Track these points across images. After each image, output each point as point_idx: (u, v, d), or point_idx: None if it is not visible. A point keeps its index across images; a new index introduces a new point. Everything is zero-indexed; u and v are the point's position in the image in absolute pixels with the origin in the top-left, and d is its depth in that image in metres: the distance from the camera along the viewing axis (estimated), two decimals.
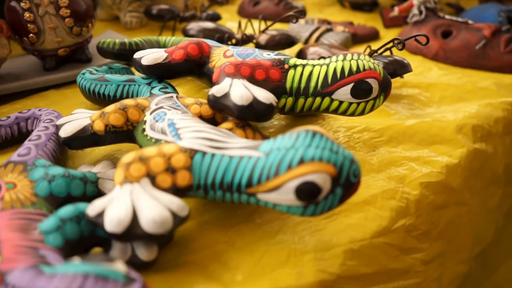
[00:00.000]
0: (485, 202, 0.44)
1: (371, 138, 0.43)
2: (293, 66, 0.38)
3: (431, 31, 0.64)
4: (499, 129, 0.48)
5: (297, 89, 0.38)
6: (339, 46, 0.59)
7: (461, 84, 0.54)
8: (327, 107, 0.37)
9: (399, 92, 0.52)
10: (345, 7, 0.85)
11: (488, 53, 0.59)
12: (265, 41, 0.58)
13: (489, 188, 0.46)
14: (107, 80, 0.44)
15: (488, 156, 0.45)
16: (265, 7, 0.78)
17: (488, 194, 0.45)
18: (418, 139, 0.43)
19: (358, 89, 0.36)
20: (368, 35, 0.69)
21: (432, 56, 0.63)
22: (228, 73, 0.37)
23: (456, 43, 0.61)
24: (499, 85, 0.55)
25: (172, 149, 0.30)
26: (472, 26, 0.62)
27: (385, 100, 0.38)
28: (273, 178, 0.27)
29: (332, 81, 0.36)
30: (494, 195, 0.46)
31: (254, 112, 0.33)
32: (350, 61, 0.36)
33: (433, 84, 0.54)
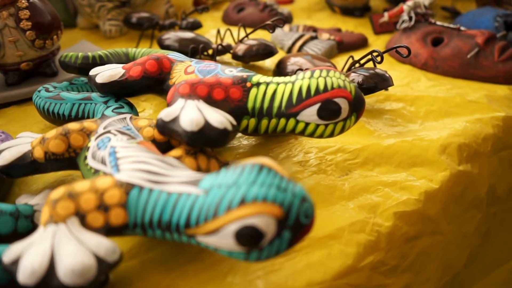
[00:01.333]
0: (462, 227, 0.41)
1: (345, 160, 0.39)
2: (256, 84, 0.35)
3: (421, 38, 0.61)
4: (487, 148, 0.45)
5: (260, 109, 0.35)
6: (323, 57, 0.56)
7: (450, 97, 0.50)
8: (293, 129, 0.35)
9: (382, 107, 0.49)
10: (335, 12, 0.82)
11: (481, 62, 0.56)
12: (243, 52, 0.55)
13: (469, 212, 0.42)
14: (62, 98, 0.41)
15: (472, 179, 0.42)
16: (249, 13, 0.75)
17: (467, 219, 0.42)
18: (397, 160, 0.40)
19: (325, 110, 0.33)
20: (355, 43, 0.66)
21: (422, 65, 0.60)
22: (183, 93, 0.34)
23: (447, 52, 0.58)
24: (491, 97, 0.51)
25: (106, 184, 0.27)
26: (464, 33, 0.59)
27: (358, 120, 0.35)
28: (211, 220, 0.24)
29: (297, 101, 0.33)
30: (473, 219, 0.43)
31: (206, 138, 0.30)
32: (317, 78, 0.33)
33: (419, 97, 0.50)
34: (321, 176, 0.38)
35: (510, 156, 0.48)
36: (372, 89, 0.44)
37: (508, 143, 0.48)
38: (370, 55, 0.45)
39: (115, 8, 0.74)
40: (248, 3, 0.76)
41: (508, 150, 0.48)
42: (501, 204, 0.48)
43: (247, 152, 0.40)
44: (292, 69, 0.54)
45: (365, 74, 0.45)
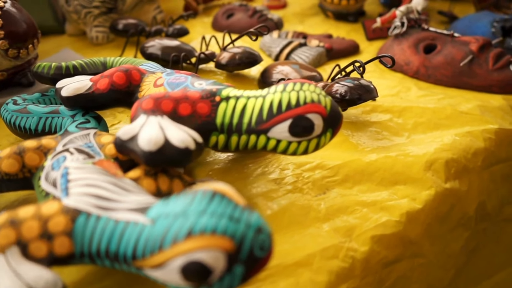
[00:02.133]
0: (447, 247, 0.39)
1: (323, 178, 0.37)
2: (226, 99, 0.33)
3: (412, 45, 0.58)
4: (478, 163, 0.42)
5: (229, 125, 0.33)
6: (310, 66, 0.54)
7: (440, 108, 0.48)
8: (264, 146, 0.33)
9: (368, 118, 0.47)
10: (328, 17, 0.80)
11: (474, 70, 0.54)
12: (226, 60, 0.53)
13: (455, 231, 0.40)
14: (29, 112, 0.40)
15: (460, 197, 0.39)
16: (238, 19, 0.73)
17: (453, 238, 0.39)
18: (379, 178, 0.38)
19: (297, 126, 0.31)
20: (345, 50, 0.64)
21: (413, 74, 0.57)
22: (146, 109, 0.32)
23: (439, 59, 0.56)
24: (484, 108, 0.49)
25: (52, 210, 0.25)
26: (458, 39, 0.56)
27: (334, 137, 0.32)
28: (157, 253, 0.22)
29: (267, 116, 0.31)
30: (460, 238, 0.40)
31: (165, 159, 0.28)
32: (290, 92, 0.31)
33: (407, 108, 0.48)
34: (296, 195, 0.35)
35: (503, 170, 0.46)
36: (355, 101, 0.42)
37: (501, 157, 0.45)
38: (352, 66, 0.43)
39: (102, 14, 0.72)
40: (238, 8, 0.75)
41: (500, 164, 0.46)
42: (491, 220, 0.46)
43: (221, 169, 0.39)
44: (277, 78, 0.52)
45: (349, 85, 0.43)
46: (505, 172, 0.46)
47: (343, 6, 0.76)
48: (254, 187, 0.36)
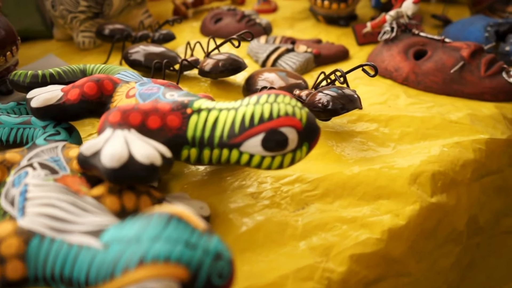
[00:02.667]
0: (436, 264, 0.37)
1: (302, 192, 0.36)
2: (197, 111, 0.32)
3: (402, 51, 0.57)
4: (467, 175, 0.41)
5: (201, 138, 0.31)
6: (295, 74, 0.53)
7: (429, 117, 0.47)
8: (237, 160, 0.31)
9: (353, 128, 0.46)
10: (319, 21, 0.79)
11: (465, 77, 0.52)
12: (210, 67, 0.52)
13: (444, 247, 0.38)
14: (0, 122, 0.39)
15: (448, 211, 0.38)
16: (226, 24, 0.72)
17: (442, 254, 0.38)
18: (361, 192, 0.36)
19: (270, 141, 0.29)
20: (334, 55, 0.63)
21: (402, 81, 0.56)
22: (113, 122, 0.31)
23: (429, 66, 0.54)
24: (475, 117, 0.47)
25: (5, 231, 0.24)
26: (449, 45, 0.55)
27: (311, 150, 0.31)
28: (108, 281, 0.21)
29: (239, 130, 0.30)
30: (450, 254, 0.39)
31: (129, 175, 0.27)
32: (263, 105, 0.30)
33: (395, 117, 0.47)
34: (273, 210, 0.34)
35: (494, 182, 0.45)
36: (338, 111, 0.41)
37: (492, 169, 0.44)
38: (333, 74, 0.42)
39: (88, 19, 0.71)
40: (226, 13, 0.73)
41: (492, 175, 0.44)
42: (485, 233, 0.44)
43: (197, 182, 0.37)
44: (262, 85, 0.51)
45: (332, 94, 0.42)
46: (497, 184, 0.45)
47: (334, 10, 0.75)
48: (230, 202, 0.35)
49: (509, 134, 0.47)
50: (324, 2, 0.74)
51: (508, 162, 0.46)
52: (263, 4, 0.83)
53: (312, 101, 0.43)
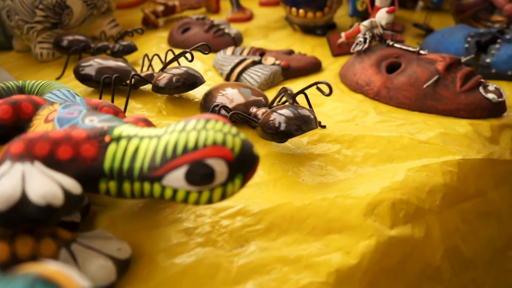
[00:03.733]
0: None
1: (243, 227, 0.32)
2: (116, 139, 0.29)
3: (375, 63, 0.54)
4: (435, 202, 0.38)
5: (119, 170, 0.28)
6: (256, 89, 0.50)
7: (397, 137, 0.43)
8: (161, 195, 0.28)
9: (312, 150, 0.42)
10: (296, 30, 0.76)
11: (440, 93, 0.49)
12: (164, 83, 0.49)
13: (421, 287, 0.35)
14: None
15: (415, 244, 0.34)
16: (193, 34, 0.69)
17: None
18: (310, 226, 0.33)
19: (194, 174, 0.26)
20: (305, 68, 0.60)
21: (374, 95, 0.53)
22: (14, 153, 0.27)
23: (402, 80, 0.51)
24: (447, 136, 0.44)
25: None
26: (424, 57, 0.52)
27: (246, 182, 0.28)
28: None
29: (161, 162, 0.27)
30: None
31: (21, 218, 0.24)
32: (189, 132, 0.27)
33: (360, 137, 0.43)
34: (207, 249, 0.31)
35: (476, 208, 0.41)
36: (292, 133, 0.38)
37: (469, 193, 0.41)
38: (283, 93, 0.39)
39: (46, 30, 0.68)
40: (195, 22, 0.70)
41: (471, 200, 0.41)
42: (479, 268, 0.41)
43: (127, 215, 0.34)
44: (220, 102, 0.48)
45: (286, 114, 0.38)
46: (480, 209, 0.42)
47: (310, 19, 0.72)
48: (161, 239, 0.31)
49: (486, 153, 0.43)
50: (299, 11, 0.71)
51: (490, 184, 0.43)
52: (237, 12, 0.81)
53: (265, 121, 0.39)
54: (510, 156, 0.45)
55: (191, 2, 0.84)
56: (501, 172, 0.44)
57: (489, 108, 0.48)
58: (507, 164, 0.45)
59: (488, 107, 0.48)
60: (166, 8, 0.80)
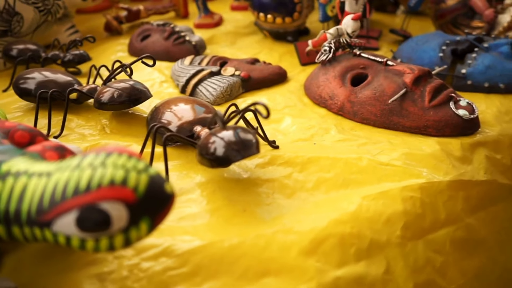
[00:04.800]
0: None
1: (165, 270, 0.29)
2: (3, 176, 0.25)
3: (339, 75, 0.50)
4: (396, 233, 0.34)
5: (6, 213, 0.25)
6: (208, 105, 0.46)
7: (355, 159, 0.40)
8: (55, 241, 0.24)
9: (260, 174, 0.39)
10: (267, 36, 0.73)
11: (407, 108, 0.45)
12: (107, 98, 0.45)
13: None
14: None
15: (373, 283, 0.31)
16: (152, 42, 0.65)
17: None
18: (242, 267, 0.29)
19: (86, 220, 0.23)
20: (267, 79, 0.56)
21: (338, 110, 0.49)
22: None
23: (367, 93, 0.48)
24: (412, 157, 0.41)
25: None
26: (392, 68, 0.48)
27: (157, 225, 0.24)
28: None
29: (49, 205, 0.23)
30: None
31: None
32: (84, 169, 0.23)
33: (314, 159, 0.40)
34: None
35: (452, 236, 0.38)
36: (230, 160, 0.34)
37: (440, 219, 0.37)
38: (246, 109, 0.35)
39: None
40: (155, 29, 0.67)
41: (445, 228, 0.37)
42: None
43: (38, 255, 0.30)
44: (167, 119, 0.44)
45: (226, 138, 0.35)
46: (456, 237, 0.38)
47: (279, 25, 0.69)
48: (69, 286, 0.28)
49: (455, 174, 0.40)
50: (267, 16, 0.68)
51: (466, 208, 0.39)
52: (205, 18, 0.77)
53: (203, 144, 0.36)
54: (486, 176, 0.42)
55: (157, 7, 0.81)
56: (476, 195, 0.40)
57: (460, 125, 0.44)
58: (483, 186, 0.41)
59: (458, 124, 0.44)
60: (130, 13, 0.77)
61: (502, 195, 0.43)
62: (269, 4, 0.67)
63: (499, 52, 0.55)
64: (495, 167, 0.43)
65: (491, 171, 0.42)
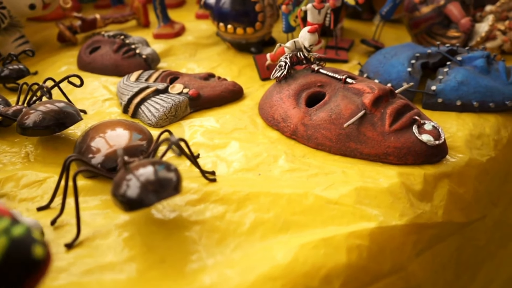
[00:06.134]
0: None
1: None
2: None
3: (294, 94, 0.46)
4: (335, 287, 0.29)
5: None
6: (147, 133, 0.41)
7: (301, 194, 0.35)
8: None
9: (190, 214, 0.34)
10: (230, 47, 0.68)
11: (365, 133, 0.41)
12: (31, 122, 0.41)
13: None
14: None
15: None
16: (101, 55, 0.60)
17: None
18: None
19: None
20: (219, 97, 0.51)
21: (291, 134, 0.45)
22: None
23: (322, 116, 0.43)
24: (365, 193, 0.36)
25: None
26: (351, 87, 0.44)
27: None
28: None
29: None
30: None
31: None
32: None
33: (254, 195, 0.35)
34: None
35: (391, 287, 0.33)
36: (144, 203, 0.29)
37: (382, 271, 0.33)
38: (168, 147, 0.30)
39: None
40: (106, 40, 0.62)
41: (386, 279, 0.33)
42: None
43: None
44: (96, 146, 0.39)
45: (141, 176, 0.30)
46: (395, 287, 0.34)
47: (240, 35, 0.64)
48: None
49: (412, 216, 0.35)
50: (227, 27, 0.63)
51: (412, 254, 0.35)
52: (164, 27, 0.72)
53: (117, 182, 0.31)
54: (443, 216, 0.37)
55: (116, 16, 0.76)
56: (427, 238, 0.36)
57: (424, 152, 0.40)
58: (436, 228, 0.37)
59: (422, 151, 0.40)
60: (84, 22, 0.72)
61: (451, 232, 0.38)
62: (229, 14, 0.62)
63: (473, 66, 0.51)
64: (455, 204, 0.39)
65: (450, 209, 0.38)
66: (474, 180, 0.41)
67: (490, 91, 0.48)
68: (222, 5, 0.63)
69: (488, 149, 0.45)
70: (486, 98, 0.48)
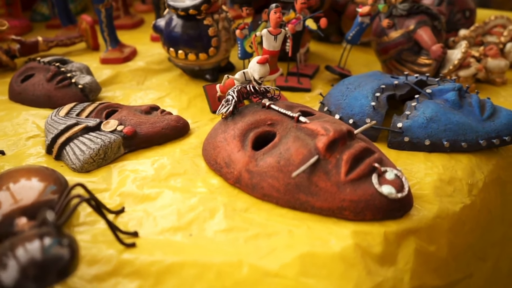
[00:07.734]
0: None
1: None
2: None
3: (240, 134, 0.40)
4: None
5: None
6: (63, 183, 0.36)
7: (234, 264, 0.29)
8: None
9: None
10: (184, 74, 0.62)
11: (318, 183, 0.35)
12: None
13: None
14: None
15: None
16: (33, 84, 0.54)
17: None
18: None
19: None
20: (159, 134, 0.46)
21: (234, 181, 0.39)
22: None
23: (269, 161, 0.37)
24: (312, 260, 0.30)
25: None
26: (305, 127, 0.38)
27: None
28: None
29: None
30: None
31: None
32: None
33: (177, 266, 0.29)
34: None
35: None
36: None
37: None
38: None
39: None
40: (40, 67, 0.56)
41: None
42: None
43: None
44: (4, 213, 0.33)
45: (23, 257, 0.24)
46: None
47: (192, 61, 0.58)
48: None
49: (370, 286, 0.30)
50: (178, 52, 0.58)
51: None
52: (112, 51, 0.67)
53: None
54: (412, 282, 0.32)
55: (61, 38, 0.70)
56: None
57: (384, 207, 0.34)
58: None
59: (382, 205, 0.34)
60: (23, 46, 0.66)
61: None
62: (179, 38, 0.57)
63: (444, 99, 0.46)
64: (425, 265, 0.33)
65: (419, 272, 0.32)
66: (447, 234, 0.36)
67: (462, 129, 0.44)
68: (172, 28, 0.57)
69: (461, 195, 0.40)
70: (458, 136, 0.44)
